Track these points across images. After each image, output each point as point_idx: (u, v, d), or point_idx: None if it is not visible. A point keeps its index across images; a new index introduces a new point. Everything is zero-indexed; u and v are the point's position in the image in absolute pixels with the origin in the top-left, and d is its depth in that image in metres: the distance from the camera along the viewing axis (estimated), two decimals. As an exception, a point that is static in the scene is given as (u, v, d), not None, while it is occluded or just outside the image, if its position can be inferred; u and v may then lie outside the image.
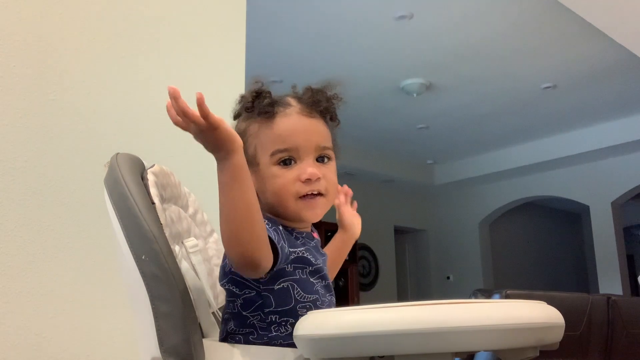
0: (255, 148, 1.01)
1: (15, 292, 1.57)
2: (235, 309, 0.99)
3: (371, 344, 0.76)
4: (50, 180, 1.69)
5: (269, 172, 1.00)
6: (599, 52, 4.90)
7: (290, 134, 1.00)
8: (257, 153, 1.01)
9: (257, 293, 0.97)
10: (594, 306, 2.23)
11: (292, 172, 1.00)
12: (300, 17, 4.26)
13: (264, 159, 1.00)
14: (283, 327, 0.97)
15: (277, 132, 1.00)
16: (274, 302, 0.97)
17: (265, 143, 1.00)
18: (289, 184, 0.99)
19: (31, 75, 1.70)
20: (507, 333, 0.75)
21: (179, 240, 1.14)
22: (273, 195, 1.00)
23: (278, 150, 1.00)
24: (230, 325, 1.01)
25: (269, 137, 1.00)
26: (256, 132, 1.01)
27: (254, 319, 0.98)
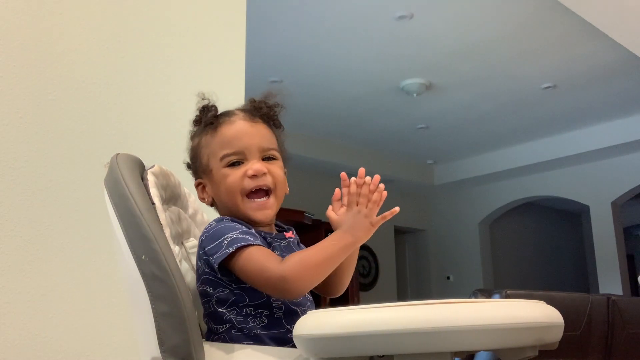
0: (207, 157, 1.12)
1: (15, 292, 1.57)
2: (211, 307, 1.04)
3: (371, 343, 0.76)
4: (50, 180, 1.69)
5: (220, 174, 1.10)
6: (599, 52, 4.90)
7: (235, 138, 1.11)
8: (209, 161, 1.12)
9: (230, 291, 1.03)
10: (594, 306, 2.23)
11: (240, 170, 1.10)
12: (300, 17, 4.26)
13: (215, 164, 1.11)
14: (258, 318, 1.02)
15: (224, 138, 1.11)
16: (247, 298, 1.03)
17: (214, 150, 1.11)
18: (237, 180, 1.09)
19: (31, 75, 1.71)
20: (506, 333, 0.75)
21: (179, 241, 1.14)
22: (226, 195, 1.10)
23: (226, 154, 1.10)
24: (210, 324, 1.05)
25: (218, 143, 1.11)
26: (207, 142, 1.12)
27: (230, 314, 1.02)
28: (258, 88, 4.58)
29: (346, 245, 1.01)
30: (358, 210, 1.02)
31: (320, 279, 0.99)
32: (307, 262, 0.97)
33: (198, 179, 1.15)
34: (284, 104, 1.23)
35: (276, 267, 0.97)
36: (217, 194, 1.12)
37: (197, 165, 1.15)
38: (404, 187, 8.04)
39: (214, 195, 1.13)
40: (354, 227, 1.02)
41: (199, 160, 1.13)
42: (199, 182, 1.15)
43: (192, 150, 1.16)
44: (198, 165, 1.14)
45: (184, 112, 2.06)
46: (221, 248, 1.00)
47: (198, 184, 1.15)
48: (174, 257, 0.96)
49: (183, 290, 0.93)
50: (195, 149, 1.14)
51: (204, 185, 1.14)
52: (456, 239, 8.33)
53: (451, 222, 8.42)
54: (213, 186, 1.12)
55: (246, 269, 0.99)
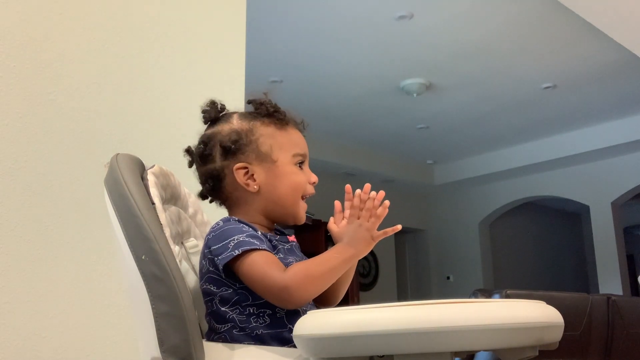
0: (271, 147, 1.13)
1: (15, 292, 1.58)
2: (214, 306, 1.04)
3: (371, 343, 0.76)
4: (50, 180, 1.69)
5: (289, 169, 1.13)
6: (599, 52, 4.90)
7: (302, 141, 1.18)
8: (273, 151, 1.13)
9: (233, 290, 1.03)
10: (594, 306, 2.23)
11: (304, 173, 1.16)
12: (300, 17, 4.27)
13: (283, 158, 1.13)
14: (261, 318, 1.02)
15: (294, 137, 1.16)
16: (251, 297, 1.03)
17: (284, 144, 1.14)
18: (304, 182, 1.15)
19: (31, 75, 1.71)
20: (506, 332, 0.75)
21: (179, 241, 1.14)
22: (288, 188, 1.13)
23: (298, 154, 1.15)
24: (212, 323, 1.05)
25: (289, 140, 1.15)
26: (271, 133, 1.14)
27: (233, 313, 1.03)
28: (258, 88, 4.58)
29: (348, 258, 1.04)
30: (360, 224, 1.04)
31: (321, 291, 1.01)
32: (310, 273, 0.99)
33: (240, 162, 1.11)
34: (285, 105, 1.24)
35: (279, 276, 0.97)
36: (273, 183, 1.12)
37: (246, 149, 1.12)
38: (404, 187, 8.04)
39: (266, 183, 1.11)
40: (356, 240, 1.04)
41: (254, 145, 1.11)
42: (244, 166, 1.11)
43: (236, 132, 1.12)
44: (248, 149, 1.12)
45: (184, 112, 2.06)
46: (227, 249, 1.01)
47: (243, 167, 1.11)
48: (174, 257, 0.96)
49: (183, 290, 0.93)
50: (246, 132, 1.12)
51: (252, 172, 1.11)
52: (456, 239, 8.33)
53: (451, 222, 8.42)
54: (270, 175, 1.12)
55: (250, 274, 0.99)
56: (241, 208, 1.14)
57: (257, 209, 1.13)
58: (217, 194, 1.16)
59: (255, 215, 1.13)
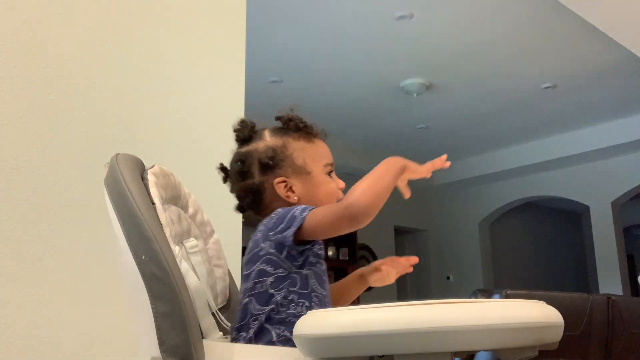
0: (304, 160, 1.24)
1: (16, 292, 1.58)
2: (264, 287, 1.10)
3: (371, 343, 0.76)
4: (50, 180, 1.69)
5: (323, 179, 1.25)
6: (599, 52, 4.90)
7: (329, 153, 1.29)
8: (306, 163, 1.24)
9: (287, 273, 1.10)
10: (594, 306, 2.23)
11: (334, 182, 1.27)
12: (300, 17, 4.27)
13: (316, 168, 1.24)
14: (299, 307, 1.09)
15: (323, 149, 1.28)
16: (299, 283, 1.11)
17: (315, 156, 1.25)
18: (336, 189, 1.26)
19: (31, 75, 1.71)
20: (505, 332, 0.75)
21: (178, 241, 1.14)
22: (325, 197, 1.23)
23: (328, 164, 1.27)
24: (252, 305, 1.09)
25: (319, 152, 1.26)
26: (302, 147, 1.25)
27: (278, 296, 1.09)
28: (258, 88, 4.64)
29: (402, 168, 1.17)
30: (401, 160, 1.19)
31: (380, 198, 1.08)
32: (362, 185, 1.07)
33: (279, 177, 1.22)
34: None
35: (338, 203, 1.09)
36: (311, 192, 1.23)
37: (283, 164, 1.22)
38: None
39: (304, 193, 1.22)
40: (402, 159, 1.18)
41: (290, 160, 1.22)
42: (283, 180, 1.22)
43: (271, 149, 1.23)
44: (285, 164, 1.22)
45: (184, 112, 2.07)
46: (295, 218, 1.08)
47: (282, 181, 1.22)
48: (174, 257, 0.96)
49: (183, 290, 0.93)
50: (281, 148, 1.23)
51: (290, 185, 1.22)
52: (456, 239, 8.33)
53: (451, 222, 8.43)
54: (307, 185, 1.23)
55: (318, 220, 1.07)
56: None
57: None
58: (257, 206, 1.25)
59: None
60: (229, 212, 2.11)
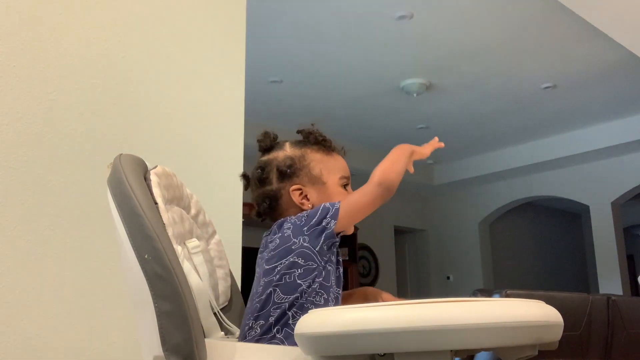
0: (321, 171, 1.31)
1: (15, 292, 1.58)
2: (291, 277, 1.15)
3: (372, 341, 0.76)
4: (50, 180, 1.69)
5: (337, 190, 1.31)
6: (599, 52, 4.90)
7: (346, 167, 1.37)
8: (322, 174, 1.31)
9: (317, 266, 1.17)
10: (594, 306, 2.23)
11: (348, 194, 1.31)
12: (300, 17, 4.27)
13: (332, 180, 1.32)
14: (318, 297, 1.15)
15: (341, 163, 1.36)
16: (323, 276, 1.17)
17: (332, 169, 1.33)
18: None
19: (31, 75, 1.71)
20: (505, 331, 0.75)
21: (181, 241, 1.14)
22: None
23: (344, 176, 1.34)
24: (276, 294, 1.14)
25: (337, 165, 1.34)
26: (320, 159, 1.33)
27: (304, 285, 1.15)
28: (258, 88, 4.64)
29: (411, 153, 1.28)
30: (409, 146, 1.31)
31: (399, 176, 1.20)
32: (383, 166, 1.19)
33: (295, 185, 1.29)
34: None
35: (369, 184, 1.17)
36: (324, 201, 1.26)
37: (300, 173, 1.30)
38: (404, 187, 8.04)
39: (319, 201, 1.27)
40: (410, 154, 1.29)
41: (307, 170, 1.30)
42: (299, 188, 1.29)
43: (290, 159, 1.31)
44: (302, 173, 1.30)
45: (184, 112, 2.07)
46: (328, 210, 1.17)
47: (298, 189, 1.29)
48: (176, 257, 0.96)
49: (185, 289, 0.93)
50: (299, 158, 1.31)
51: (305, 193, 1.29)
52: (456, 239, 8.33)
53: (451, 222, 8.43)
54: (321, 195, 1.29)
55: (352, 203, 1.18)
56: None
57: None
58: (273, 212, 1.31)
59: None
60: (229, 213, 2.12)
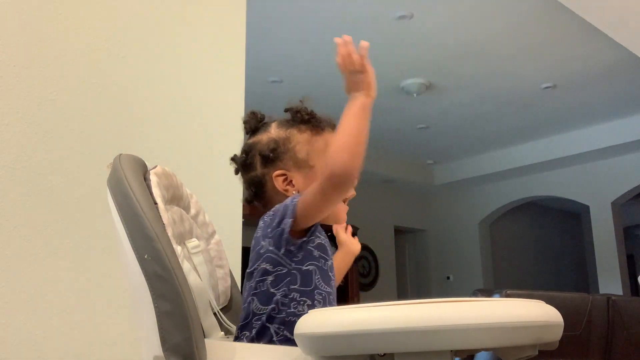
0: (307, 154, 1.19)
1: (15, 292, 1.58)
2: (265, 286, 1.08)
3: (371, 342, 0.76)
4: (50, 180, 1.69)
5: None
6: (599, 52, 4.90)
7: None
8: (310, 158, 1.19)
9: (287, 271, 1.08)
10: (594, 306, 2.23)
11: None
12: (300, 18, 4.27)
13: (320, 163, 1.17)
14: (301, 305, 1.07)
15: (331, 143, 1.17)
16: (299, 281, 1.08)
17: (321, 150, 1.19)
18: None
19: (31, 75, 1.71)
20: (505, 331, 0.75)
21: (180, 241, 1.14)
22: None
23: None
24: (254, 304, 1.08)
25: (325, 146, 1.20)
26: (307, 140, 1.20)
27: (279, 294, 1.07)
28: (258, 88, 4.63)
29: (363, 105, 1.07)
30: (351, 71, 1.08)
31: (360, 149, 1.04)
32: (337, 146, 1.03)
33: (279, 170, 1.18)
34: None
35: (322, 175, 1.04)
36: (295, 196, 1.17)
37: (284, 157, 1.19)
38: (404, 187, 8.05)
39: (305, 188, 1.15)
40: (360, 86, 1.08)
41: (292, 153, 1.18)
42: (283, 173, 1.18)
43: (274, 141, 1.19)
44: (286, 157, 1.18)
45: (184, 112, 2.07)
46: (287, 208, 1.06)
47: (282, 174, 1.18)
48: (176, 257, 0.96)
49: (185, 289, 0.93)
50: (283, 140, 1.19)
51: (290, 178, 1.18)
52: (456, 239, 8.33)
53: (451, 222, 8.42)
54: (308, 180, 1.17)
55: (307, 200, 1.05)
56: None
57: None
58: (260, 199, 1.22)
59: None
60: (229, 212, 2.12)
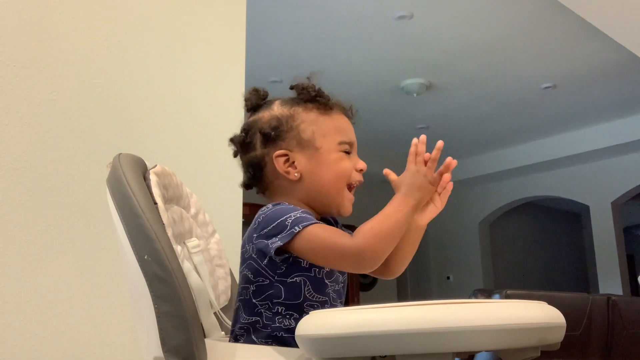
0: (313, 133, 1.08)
1: (15, 292, 1.57)
2: (248, 295, 1.02)
3: (373, 343, 0.76)
4: (50, 180, 1.69)
5: (334, 157, 1.08)
6: (599, 52, 4.90)
7: (349, 128, 1.13)
8: (315, 138, 1.08)
9: (269, 282, 1.01)
10: (594, 306, 2.23)
11: (351, 160, 1.11)
12: (300, 17, 4.26)
13: (327, 145, 1.08)
14: (287, 319, 1.00)
15: (340, 124, 1.11)
16: (284, 294, 1.00)
17: (328, 131, 1.09)
18: (349, 169, 1.10)
19: (31, 75, 1.70)
20: (508, 333, 0.75)
21: (180, 241, 1.14)
22: (333, 176, 1.08)
23: (344, 141, 1.10)
24: (240, 312, 1.04)
25: (334, 127, 1.10)
26: (314, 119, 1.10)
27: (262, 307, 1.01)
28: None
29: (410, 208, 1.01)
30: (417, 170, 1.05)
31: (393, 247, 0.98)
32: (379, 232, 0.95)
33: (281, 149, 1.08)
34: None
35: (349, 242, 0.95)
36: (315, 171, 1.08)
37: (286, 136, 1.08)
38: (404, 187, 8.03)
39: (309, 170, 1.07)
40: (414, 187, 1.03)
41: (295, 132, 1.08)
42: (285, 153, 1.07)
43: (276, 119, 1.09)
44: (289, 135, 1.08)
45: (184, 112, 2.06)
46: (285, 228, 0.96)
47: (283, 154, 1.07)
48: (176, 257, 0.95)
49: (185, 290, 0.93)
50: (287, 118, 1.09)
51: (292, 159, 1.07)
52: (456, 239, 8.33)
53: (451, 222, 8.42)
54: (312, 162, 1.07)
55: (316, 247, 0.95)
56: (282, 197, 1.08)
57: (300, 199, 1.08)
58: (259, 182, 1.12)
59: (298, 204, 1.06)
60: (229, 212, 2.11)
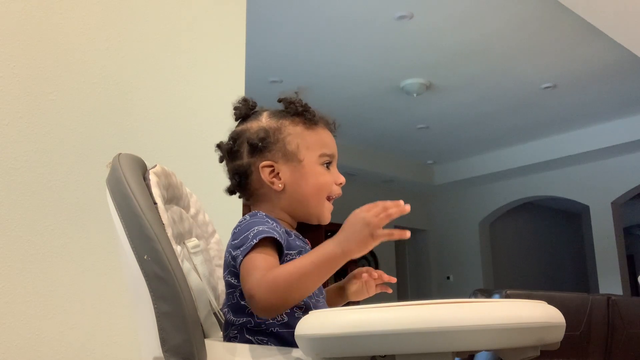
0: (298, 146, 1.13)
1: (15, 292, 1.57)
2: (235, 299, 1.04)
3: (372, 343, 0.76)
4: (50, 180, 1.69)
5: (316, 170, 1.14)
6: (599, 52, 4.90)
7: (332, 142, 1.18)
8: (299, 150, 1.13)
9: None
10: (594, 306, 2.23)
11: (330, 174, 1.16)
12: (300, 18, 4.26)
13: (310, 157, 1.13)
14: (279, 315, 1.00)
15: (323, 137, 1.16)
16: None
17: (312, 144, 1.14)
18: (330, 183, 1.15)
19: (31, 75, 1.70)
20: (507, 333, 0.75)
21: (180, 241, 1.14)
22: (313, 188, 1.13)
23: (325, 154, 1.15)
24: (229, 316, 1.04)
25: (317, 140, 1.15)
26: (299, 132, 1.15)
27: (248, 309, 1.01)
28: (258, 88, 4.65)
29: (333, 260, 0.96)
30: (364, 217, 0.95)
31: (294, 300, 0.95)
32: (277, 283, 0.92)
33: (267, 160, 1.12)
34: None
35: (254, 279, 0.93)
36: (298, 182, 1.12)
37: (273, 147, 1.12)
38: (404, 187, 8.05)
39: (292, 182, 1.12)
40: (352, 236, 0.96)
41: (281, 144, 1.12)
42: (270, 164, 1.12)
43: (264, 130, 1.13)
44: (276, 147, 1.12)
45: (184, 112, 2.06)
46: (246, 240, 0.99)
47: (269, 165, 1.12)
48: (176, 257, 0.95)
49: (185, 290, 0.93)
50: (274, 130, 1.13)
51: (277, 170, 1.12)
52: (456, 239, 8.33)
53: (451, 222, 8.43)
54: (295, 174, 1.12)
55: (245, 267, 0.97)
56: (266, 205, 1.14)
57: (282, 207, 1.14)
58: (244, 190, 1.16)
59: (280, 213, 1.13)
60: (229, 212, 2.11)
